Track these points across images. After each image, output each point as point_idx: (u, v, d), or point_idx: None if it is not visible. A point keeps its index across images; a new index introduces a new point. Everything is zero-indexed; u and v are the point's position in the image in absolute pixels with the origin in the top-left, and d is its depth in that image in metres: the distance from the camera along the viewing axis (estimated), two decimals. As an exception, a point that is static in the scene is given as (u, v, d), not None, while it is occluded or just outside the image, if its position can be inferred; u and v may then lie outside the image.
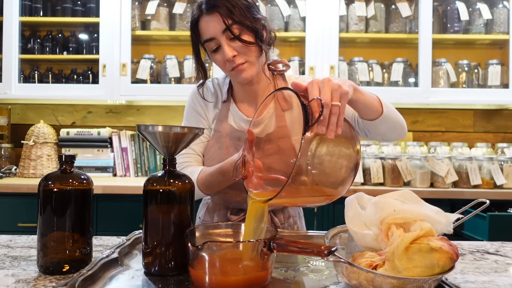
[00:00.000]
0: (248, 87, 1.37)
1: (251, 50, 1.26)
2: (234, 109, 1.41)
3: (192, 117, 1.45)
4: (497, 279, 0.95)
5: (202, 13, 1.26)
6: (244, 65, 1.27)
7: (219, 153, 1.37)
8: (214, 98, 1.43)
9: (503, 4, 2.81)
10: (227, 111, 1.41)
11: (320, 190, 0.90)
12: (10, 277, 0.91)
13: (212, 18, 1.24)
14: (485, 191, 2.51)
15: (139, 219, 0.98)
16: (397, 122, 1.26)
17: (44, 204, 0.93)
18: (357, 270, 0.79)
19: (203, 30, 1.27)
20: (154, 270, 0.93)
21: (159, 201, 0.94)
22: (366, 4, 2.82)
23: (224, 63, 1.28)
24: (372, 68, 2.86)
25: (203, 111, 1.43)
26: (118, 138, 2.92)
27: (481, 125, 3.08)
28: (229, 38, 1.24)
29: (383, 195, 0.89)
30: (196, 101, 1.44)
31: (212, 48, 1.28)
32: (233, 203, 1.41)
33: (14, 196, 2.46)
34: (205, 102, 1.43)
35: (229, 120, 1.40)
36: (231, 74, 1.31)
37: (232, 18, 1.23)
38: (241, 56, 1.26)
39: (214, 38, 1.25)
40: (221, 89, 1.44)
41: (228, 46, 1.24)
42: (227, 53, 1.24)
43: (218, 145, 1.38)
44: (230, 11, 1.23)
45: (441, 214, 0.86)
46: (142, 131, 0.95)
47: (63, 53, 2.95)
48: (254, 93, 1.39)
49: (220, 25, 1.23)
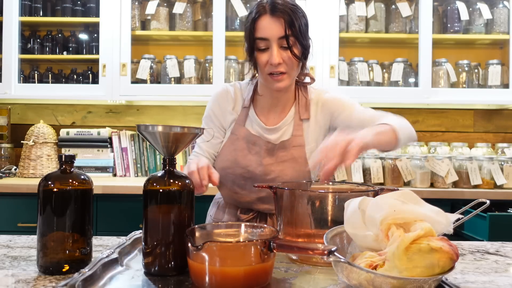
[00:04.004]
0: (275, 95, 1.42)
1: (295, 64, 1.33)
2: (253, 115, 1.45)
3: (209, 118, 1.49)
4: (497, 279, 0.95)
5: (266, 12, 1.30)
6: (283, 76, 1.33)
7: (233, 154, 1.42)
8: (233, 102, 1.47)
9: (503, 4, 2.81)
10: (245, 116, 1.45)
11: None
12: (10, 277, 0.90)
13: (275, 21, 1.29)
14: (485, 191, 2.51)
15: (139, 219, 0.98)
16: (409, 139, 1.33)
17: (44, 204, 0.93)
18: (357, 270, 0.79)
19: (260, 28, 1.31)
20: (154, 270, 0.93)
21: (159, 201, 0.94)
22: (366, 4, 2.82)
23: (265, 65, 1.32)
24: (372, 68, 2.86)
25: (221, 113, 1.47)
26: (118, 138, 2.92)
27: (481, 125, 3.08)
28: (281, 45, 1.30)
29: (383, 195, 0.89)
30: (216, 103, 1.48)
31: (260, 47, 1.32)
32: (243, 203, 1.46)
33: (14, 196, 2.46)
34: (225, 105, 1.47)
35: (246, 125, 1.45)
36: (267, 78, 1.35)
37: (292, 30, 1.29)
38: (284, 66, 1.31)
39: (267, 39, 1.30)
40: (242, 95, 1.48)
41: (278, 52, 1.29)
42: (274, 58, 1.29)
43: (233, 146, 1.43)
44: (292, 22, 1.28)
45: (441, 214, 0.86)
46: (142, 131, 0.95)
47: (63, 53, 2.95)
48: (277, 101, 1.44)
49: (280, 31, 1.28)
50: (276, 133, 1.43)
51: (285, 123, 1.43)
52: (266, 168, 1.40)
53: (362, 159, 2.66)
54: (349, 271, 0.80)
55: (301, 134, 1.42)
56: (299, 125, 1.43)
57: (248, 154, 1.41)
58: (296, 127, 1.43)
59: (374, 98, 2.75)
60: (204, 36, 2.87)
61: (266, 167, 1.40)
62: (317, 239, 1.01)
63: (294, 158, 1.41)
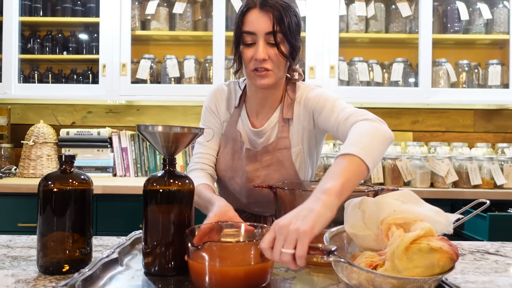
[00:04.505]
0: (260, 94, 1.38)
1: (281, 62, 1.28)
2: (244, 116, 1.42)
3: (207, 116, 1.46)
4: (497, 279, 0.95)
5: (256, 6, 1.26)
6: (268, 72, 1.27)
7: (226, 158, 1.41)
8: (227, 101, 1.45)
9: (503, 4, 2.81)
10: (237, 117, 1.42)
11: None
12: (10, 277, 0.91)
13: (263, 15, 1.24)
14: (485, 191, 2.51)
15: (139, 219, 0.98)
16: (381, 152, 1.07)
17: (44, 204, 0.93)
18: (357, 270, 0.79)
19: (248, 21, 1.27)
20: (154, 270, 0.93)
21: (159, 201, 0.94)
22: (366, 4, 2.82)
23: (250, 60, 1.28)
24: (372, 68, 2.86)
25: (217, 110, 1.45)
26: (118, 138, 2.92)
27: (481, 125, 3.08)
28: (268, 41, 1.25)
29: (383, 195, 0.89)
30: (212, 101, 1.46)
31: (247, 41, 1.28)
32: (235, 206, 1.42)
33: (14, 196, 2.46)
34: (220, 102, 1.45)
35: (238, 126, 1.42)
36: (251, 74, 1.30)
37: (281, 26, 1.24)
38: (270, 63, 1.26)
39: (254, 33, 1.25)
40: (235, 94, 1.45)
41: (264, 47, 1.25)
42: (259, 53, 1.24)
43: (226, 149, 1.41)
44: (281, 19, 1.23)
45: (441, 214, 0.86)
46: (142, 131, 0.95)
47: (63, 53, 2.95)
48: (265, 101, 1.39)
49: (267, 26, 1.24)
50: (262, 136, 1.38)
51: (269, 125, 1.38)
52: (250, 174, 1.37)
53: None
54: (349, 271, 0.80)
55: (286, 136, 1.35)
56: (284, 126, 1.36)
57: (235, 160, 1.40)
58: (281, 128, 1.36)
59: (374, 98, 2.75)
60: (204, 36, 2.87)
61: (250, 173, 1.37)
62: (317, 239, 1.01)
63: (280, 162, 1.35)
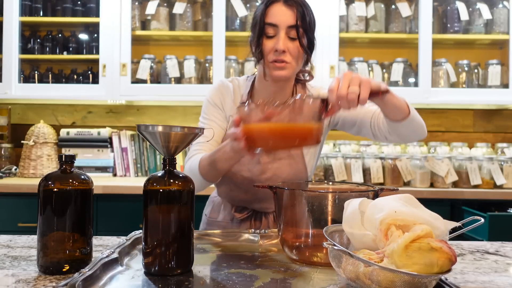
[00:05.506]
0: (273, 87, 1.40)
1: (300, 55, 1.34)
2: None
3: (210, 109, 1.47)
4: (497, 279, 0.95)
5: (280, 0, 1.32)
6: (286, 64, 1.32)
7: None
8: (232, 96, 1.46)
9: (503, 4, 2.81)
10: None
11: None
12: (10, 277, 0.91)
13: (287, 9, 1.31)
14: (485, 191, 2.51)
15: (139, 219, 0.98)
16: (419, 124, 1.32)
17: (44, 204, 0.94)
18: (355, 263, 0.79)
19: (271, 13, 1.31)
20: (154, 270, 0.94)
21: (159, 201, 0.94)
22: (366, 4, 2.82)
23: (270, 51, 1.32)
24: (372, 68, 2.86)
25: (222, 104, 1.46)
26: (118, 138, 2.92)
27: (481, 125, 3.08)
28: (289, 35, 1.31)
29: (383, 197, 0.90)
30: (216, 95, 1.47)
31: (269, 33, 1.32)
32: (237, 201, 1.46)
33: (14, 196, 2.46)
34: (225, 96, 1.46)
35: None
36: (270, 65, 1.34)
37: (303, 22, 1.30)
38: (289, 56, 1.31)
39: (277, 26, 1.30)
40: (240, 90, 1.47)
41: (285, 39, 1.30)
42: (280, 45, 1.29)
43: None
44: (304, 15, 1.31)
45: (440, 220, 0.86)
46: (142, 131, 0.95)
47: (63, 53, 2.95)
48: (275, 95, 1.41)
49: (291, 20, 1.30)
50: None
51: None
52: (263, 166, 1.40)
53: (362, 159, 2.66)
54: (346, 264, 0.80)
55: None
56: None
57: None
58: None
59: (374, 98, 2.75)
60: (204, 36, 2.87)
61: (263, 165, 1.40)
62: (317, 239, 1.01)
63: (291, 156, 1.41)
